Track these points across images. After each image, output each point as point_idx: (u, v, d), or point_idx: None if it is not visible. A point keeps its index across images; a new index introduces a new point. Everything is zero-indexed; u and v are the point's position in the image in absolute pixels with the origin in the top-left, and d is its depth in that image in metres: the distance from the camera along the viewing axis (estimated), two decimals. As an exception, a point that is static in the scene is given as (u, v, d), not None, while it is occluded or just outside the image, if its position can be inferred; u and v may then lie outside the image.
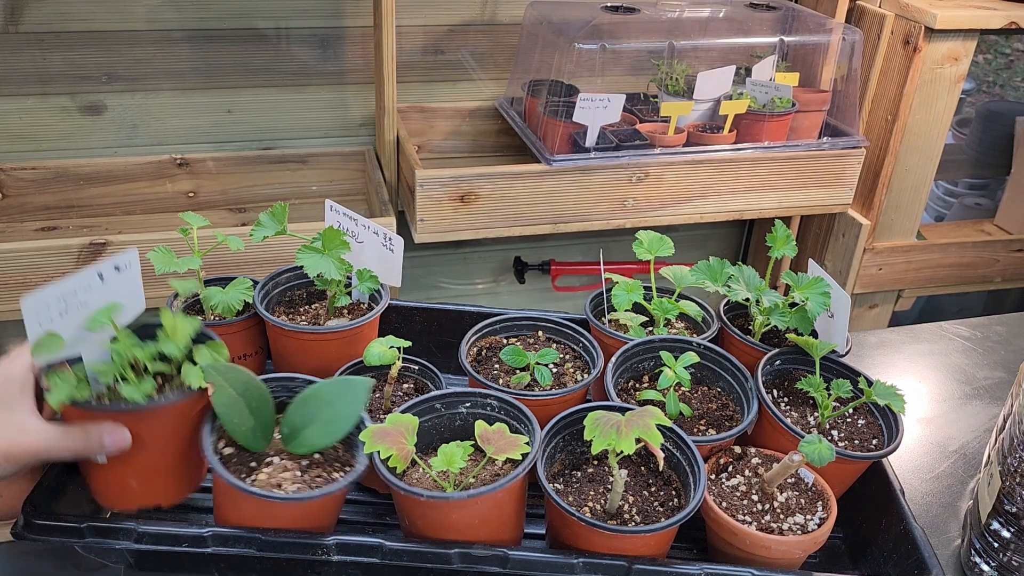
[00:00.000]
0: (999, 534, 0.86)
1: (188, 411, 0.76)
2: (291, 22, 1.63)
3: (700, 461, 0.80)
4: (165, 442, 0.76)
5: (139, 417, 0.73)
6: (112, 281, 0.76)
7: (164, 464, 0.77)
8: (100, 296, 0.75)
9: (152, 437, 0.74)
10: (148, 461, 0.76)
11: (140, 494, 0.78)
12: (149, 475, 0.77)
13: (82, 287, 0.73)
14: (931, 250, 1.87)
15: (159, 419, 0.74)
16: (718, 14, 1.70)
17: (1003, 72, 2.37)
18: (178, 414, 0.76)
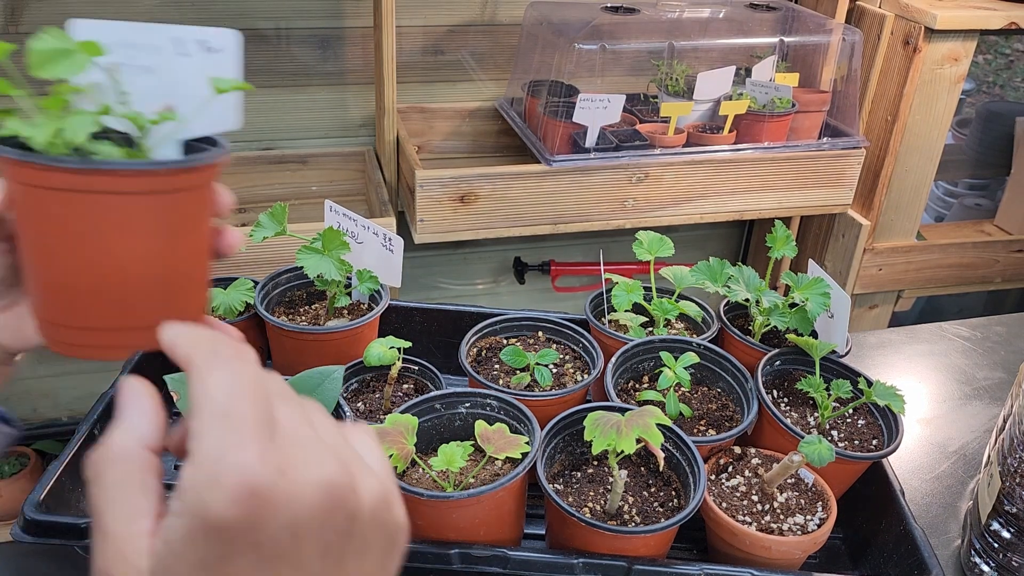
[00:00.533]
0: (999, 534, 0.86)
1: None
2: (291, 22, 1.63)
3: (700, 461, 0.80)
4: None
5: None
6: (197, 63, 0.51)
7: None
8: (167, 71, 0.50)
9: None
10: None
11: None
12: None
13: (157, 43, 0.50)
14: (931, 250, 1.87)
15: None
16: (718, 14, 1.70)
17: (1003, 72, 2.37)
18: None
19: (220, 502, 0.32)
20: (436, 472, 0.76)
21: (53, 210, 0.44)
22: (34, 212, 0.45)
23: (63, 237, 0.44)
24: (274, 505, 0.33)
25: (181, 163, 0.46)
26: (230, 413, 0.34)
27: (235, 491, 0.32)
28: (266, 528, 0.33)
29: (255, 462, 0.33)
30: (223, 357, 0.37)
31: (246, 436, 0.33)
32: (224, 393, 0.35)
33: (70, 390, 1.81)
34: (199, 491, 0.33)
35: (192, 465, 0.33)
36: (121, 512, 0.35)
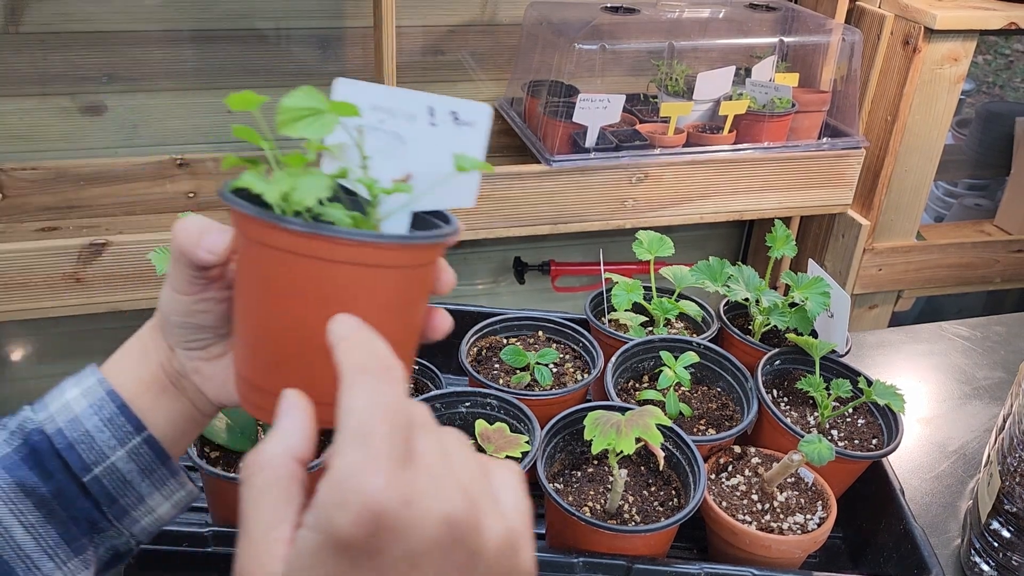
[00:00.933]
0: (999, 534, 0.86)
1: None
2: (291, 22, 1.63)
3: (700, 461, 0.80)
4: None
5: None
6: (444, 133, 0.48)
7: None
8: (416, 141, 0.48)
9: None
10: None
11: None
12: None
13: (411, 111, 0.48)
14: (931, 251, 1.87)
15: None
16: (718, 14, 1.70)
17: (1003, 73, 2.37)
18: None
19: (345, 522, 0.33)
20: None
21: (271, 268, 0.42)
22: (253, 266, 0.44)
23: (276, 296, 0.42)
24: (395, 533, 0.34)
25: (408, 239, 0.43)
26: (368, 435, 0.35)
27: (359, 514, 0.33)
28: (386, 554, 0.34)
29: (382, 488, 0.33)
30: (370, 373, 0.37)
31: (379, 461, 0.34)
32: (365, 413, 0.35)
33: (70, 390, 1.80)
34: (328, 508, 0.34)
35: (326, 482, 0.34)
36: (263, 518, 0.37)
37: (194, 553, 0.74)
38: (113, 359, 0.55)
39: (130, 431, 0.52)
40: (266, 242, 0.42)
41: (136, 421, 0.52)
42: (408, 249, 0.43)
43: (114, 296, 1.39)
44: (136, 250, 1.36)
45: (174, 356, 0.54)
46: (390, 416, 0.35)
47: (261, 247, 0.42)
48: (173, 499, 0.54)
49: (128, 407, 0.52)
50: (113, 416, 0.52)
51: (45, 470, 0.50)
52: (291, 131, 0.44)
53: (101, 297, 1.38)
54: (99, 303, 1.39)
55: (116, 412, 0.52)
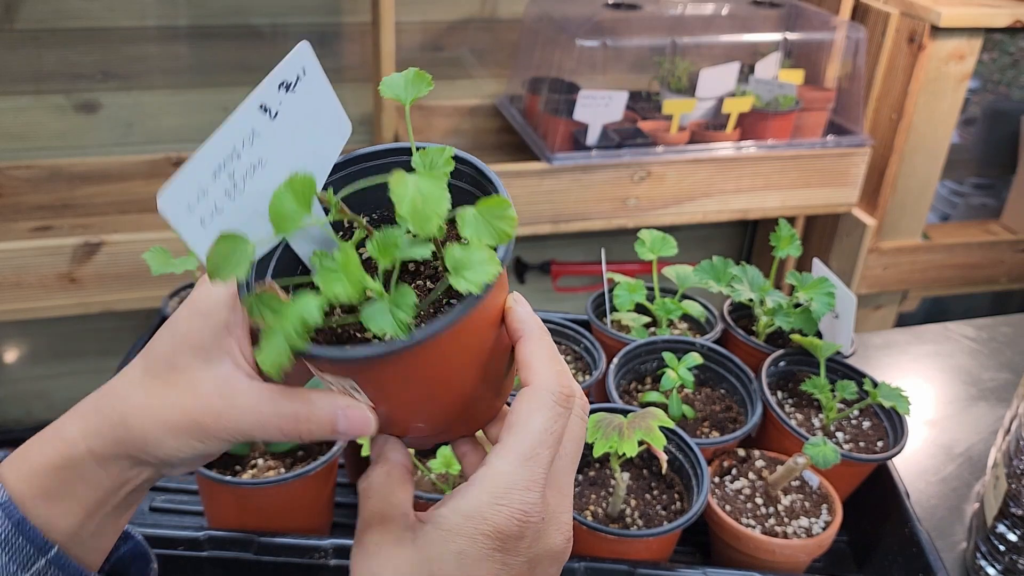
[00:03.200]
0: (1005, 537, 0.85)
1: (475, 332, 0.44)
2: (288, 18, 1.62)
3: (703, 464, 0.79)
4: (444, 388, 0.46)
5: (400, 359, 0.41)
6: (289, 108, 0.44)
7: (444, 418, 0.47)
8: (276, 142, 0.43)
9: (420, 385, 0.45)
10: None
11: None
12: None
13: (243, 136, 0.42)
14: (936, 250, 1.86)
15: (432, 355, 0.43)
16: (721, 11, 1.69)
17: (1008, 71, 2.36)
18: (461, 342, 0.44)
19: (499, 517, 0.41)
20: (435, 475, 0.75)
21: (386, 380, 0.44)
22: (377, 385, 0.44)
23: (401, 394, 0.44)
24: (530, 540, 0.41)
25: (439, 329, 0.40)
26: (533, 458, 0.42)
27: (511, 516, 0.41)
28: (518, 552, 0.41)
29: (534, 505, 0.41)
30: (556, 399, 0.43)
31: (535, 481, 0.41)
32: (538, 436, 0.42)
33: (64, 391, 1.80)
34: (484, 503, 0.41)
35: (487, 478, 0.41)
36: (391, 498, 0.46)
37: (189, 557, 0.73)
38: (29, 476, 0.45)
39: (31, 553, 0.44)
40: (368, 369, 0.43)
41: (40, 540, 0.44)
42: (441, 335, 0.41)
43: (108, 296, 1.38)
44: (131, 250, 1.35)
45: (147, 471, 0.46)
46: (552, 440, 0.42)
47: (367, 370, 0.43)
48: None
49: (27, 523, 0.44)
50: (9, 536, 0.44)
51: None
52: (222, 276, 0.39)
53: (95, 297, 1.38)
54: (93, 303, 1.39)
55: (12, 531, 0.44)
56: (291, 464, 0.78)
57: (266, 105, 0.43)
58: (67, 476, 0.45)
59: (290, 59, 0.44)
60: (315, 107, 0.45)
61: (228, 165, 0.41)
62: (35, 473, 0.45)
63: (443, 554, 0.41)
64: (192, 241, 0.39)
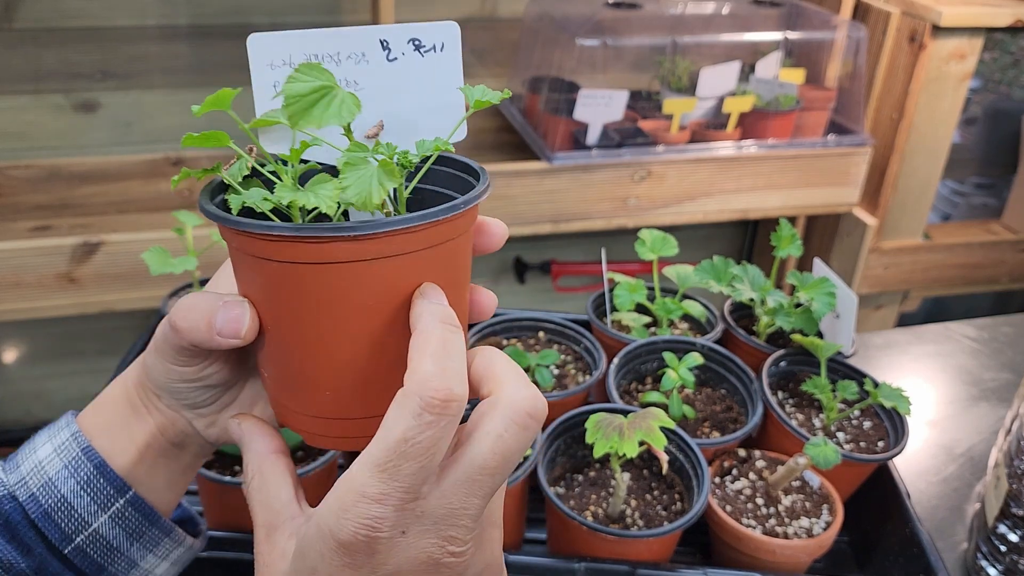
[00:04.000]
0: (1006, 537, 0.85)
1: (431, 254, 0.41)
2: (287, 18, 1.62)
3: (704, 464, 0.78)
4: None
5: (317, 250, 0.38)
6: (409, 66, 0.43)
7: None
8: (377, 82, 0.43)
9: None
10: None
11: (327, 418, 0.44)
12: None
13: (353, 49, 0.41)
14: (937, 250, 1.86)
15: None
16: (721, 10, 1.69)
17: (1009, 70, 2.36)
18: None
19: (344, 530, 0.37)
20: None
21: (306, 282, 0.39)
22: (278, 287, 0.39)
23: (313, 315, 0.39)
24: (378, 556, 0.37)
25: (440, 213, 0.38)
26: (383, 467, 0.37)
27: (356, 528, 0.37)
28: (364, 569, 0.38)
29: (386, 517, 0.37)
30: (428, 406, 0.37)
31: (390, 495, 0.37)
32: (395, 445, 0.37)
33: (63, 391, 1.80)
34: (327, 516, 0.38)
35: (339, 487, 0.38)
36: (270, 504, 0.43)
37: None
38: (96, 415, 0.49)
39: (111, 494, 0.47)
40: (302, 259, 0.38)
41: (118, 482, 0.47)
42: (441, 223, 0.39)
43: (108, 296, 1.38)
44: (130, 249, 1.35)
45: (179, 419, 0.48)
46: (421, 456, 0.37)
47: (294, 267, 0.38)
48: (171, 558, 0.51)
49: (107, 466, 0.47)
50: (91, 478, 0.47)
51: (23, 544, 0.45)
52: (309, 123, 0.37)
53: (95, 297, 1.37)
54: (93, 303, 1.38)
55: (94, 473, 0.47)
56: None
57: (387, 43, 0.42)
58: (121, 410, 0.49)
59: (435, 25, 0.43)
60: (433, 87, 0.44)
61: (324, 61, 0.41)
62: (100, 411, 0.49)
63: (301, 569, 0.39)
64: (257, 90, 0.40)
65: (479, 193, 0.41)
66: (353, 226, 0.37)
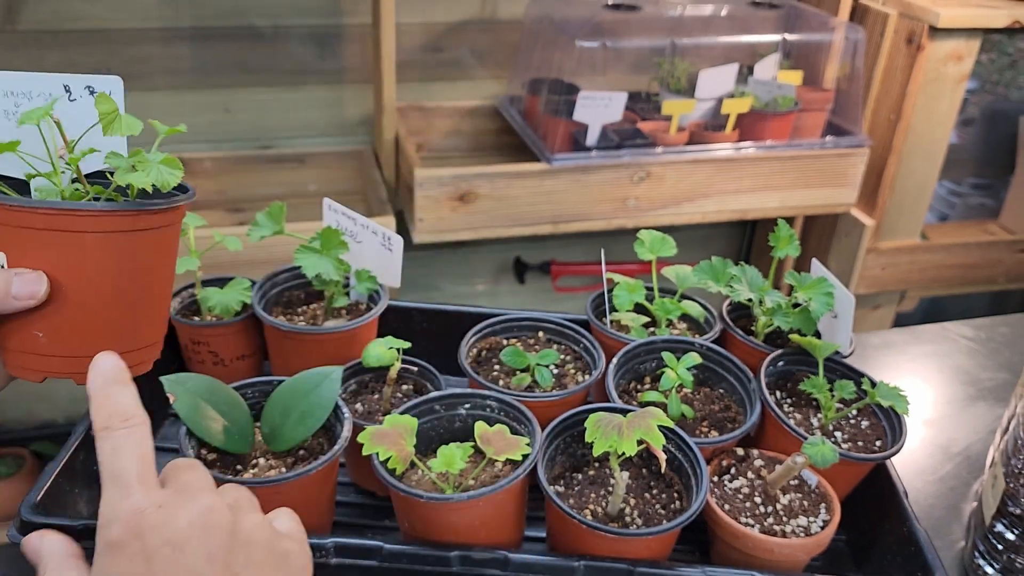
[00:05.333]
0: (1003, 536, 0.85)
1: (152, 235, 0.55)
2: (289, 20, 1.63)
3: (702, 463, 0.79)
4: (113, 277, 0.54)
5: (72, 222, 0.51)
6: (85, 106, 0.58)
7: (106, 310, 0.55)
8: (63, 115, 0.57)
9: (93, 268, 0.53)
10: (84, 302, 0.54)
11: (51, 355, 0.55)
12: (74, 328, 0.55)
13: (44, 91, 0.57)
14: (935, 251, 1.87)
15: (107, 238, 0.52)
16: (720, 12, 1.70)
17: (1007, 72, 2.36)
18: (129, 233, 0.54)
19: (111, 533, 0.45)
20: (435, 474, 0.75)
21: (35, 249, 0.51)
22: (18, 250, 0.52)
23: (65, 273, 0.52)
24: (153, 525, 0.45)
25: (119, 208, 0.52)
26: (118, 473, 0.47)
27: (123, 524, 0.45)
28: (149, 541, 0.45)
29: (138, 500, 0.46)
30: (113, 429, 0.48)
31: (131, 486, 0.46)
32: (112, 459, 0.47)
33: (66, 392, 1.80)
34: (101, 531, 0.46)
35: (100, 513, 0.47)
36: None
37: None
38: None
39: None
40: (26, 225, 0.51)
41: None
42: (121, 216, 0.52)
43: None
44: (133, 249, 1.35)
45: None
46: (136, 455, 0.47)
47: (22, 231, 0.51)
48: None
49: None
50: None
51: None
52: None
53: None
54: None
55: None
56: (292, 464, 0.78)
57: (70, 87, 0.58)
58: None
59: (103, 79, 0.59)
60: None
61: (20, 99, 0.56)
62: None
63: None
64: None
65: (183, 199, 0.57)
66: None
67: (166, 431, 0.95)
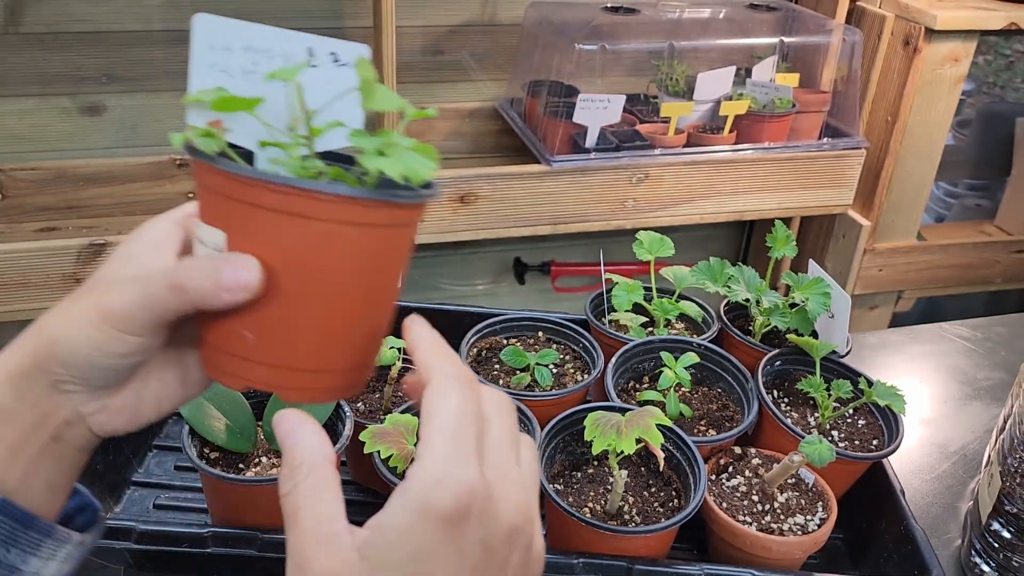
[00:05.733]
0: (999, 534, 0.85)
1: (398, 230, 0.45)
2: (290, 23, 1.63)
3: (700, 462, 0.79)
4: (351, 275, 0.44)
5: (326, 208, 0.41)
6: (329, 76, 0.47)
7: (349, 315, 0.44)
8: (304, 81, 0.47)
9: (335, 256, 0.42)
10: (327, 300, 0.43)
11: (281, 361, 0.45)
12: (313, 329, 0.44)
13: (286, 52, 0.46)
14: (932, 251, 1.87)
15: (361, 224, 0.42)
16: (718, 15, 1.70)
17: (1003, 73, 2.37)
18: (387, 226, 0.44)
19: (443, 499, 0.38)
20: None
21: (281, 238, 0.41)
22: (258, 238, 0.42)
23: (286, 266, 0.42)
24: (479, 519, 0.39)
25: (406, 197, 0.43)
26: (458, 434, 0.39)
27: (457, 493, 0.38)
28: (467, 536, 0.39)
29: (475, 476, 0.39)
30: (460, 380, 0.41)
31: (468, 456, 0.39)
32: (456, 415, 0.40)
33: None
34: (426, 488, 0.38)
35: (421, 467, 0.39)
36: (321, 512, 0.40)
37: (193, 553, 0.74)
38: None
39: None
40: (276, 208, 0.41)
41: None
42: (408, 207, 0.44)
43: (113, 296, 1.39)
44: (135, 250, 1.36)
45: (65, 404, 0.45)
46: (475, 418, 0.41)
47: (271, 214, 0.41)
48: (58, 556, 0.47)
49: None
50: None
51: None
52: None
53: (100, 297, 1.38)
54: (98, 303, 1.39)
55: None
56: (295, 462, 0.79)
57: (313, 51, 0.46)
58: (19, 449, 0.44)
59: (350, 45, 0.46)
60: (340, 94, 0.47)
61: (259, 57, 0.45)
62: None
63: (398, 559, 0.38)
64: (195, 68, 0.44)
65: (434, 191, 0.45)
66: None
67: (169, 430, 0.95)
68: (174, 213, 0.48)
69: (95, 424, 0.46)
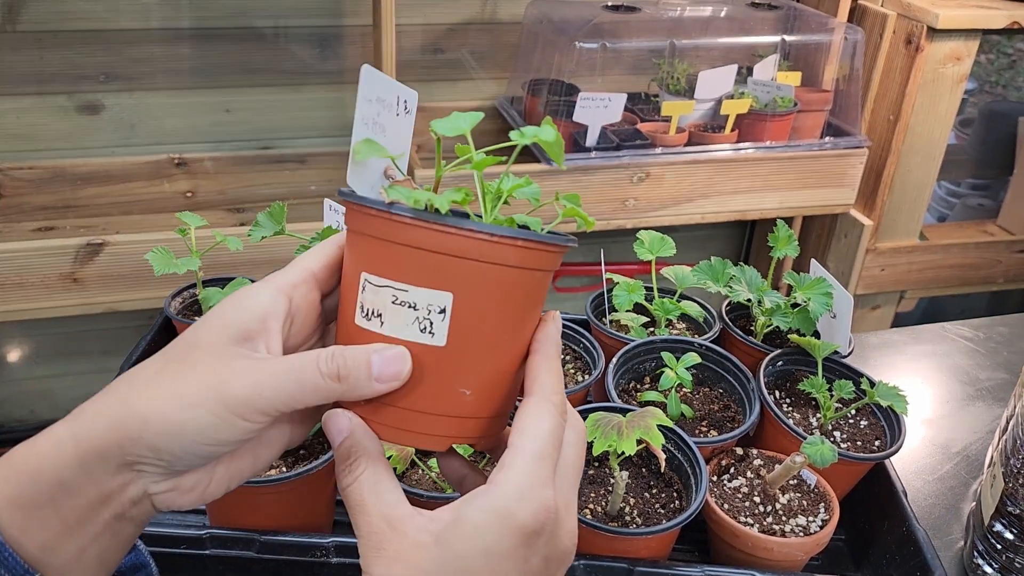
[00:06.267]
0: (1002, 536, 0.85)
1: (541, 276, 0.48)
2: (290, 21, 1.63)
3: (702, 462, 0.79)
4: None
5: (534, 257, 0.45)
6: (402, 121, 0.54)
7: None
8: (391, 133, 0.55)
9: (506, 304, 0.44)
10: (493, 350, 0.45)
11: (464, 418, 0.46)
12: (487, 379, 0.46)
13: (387, 100, 0.53)
14: (934, 251, 1.87)
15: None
16: (719, 13, 1.70)
17: (1005, 72, 2.37)
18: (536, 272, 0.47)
19: (525, 513, 0.41)
20: (436, 473, 0.75)
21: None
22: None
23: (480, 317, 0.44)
24: (546, 538, 0.42)
25: (562, 239, 0.46)
26: (543, 456, 0.43)
27: (536, 510, 0.41)
28: (536, 550, 0.42)
29: (552, 501, 0.42)
30: (557, 407, 0.45)
31: (548, 479, 0.42)
32: (547, 438, 0.43)
33: (68, 391, 1.80)
34: (509, 499, 0.41)
35: (506, 478, 0.42)
36: (388, 498, 0.43)
37: (192, 555, 0.74)
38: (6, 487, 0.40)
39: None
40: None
41: (20, 568, 0.39)
42: (558, 248, 0.47)
43: (111, 296, 1.39)
44: (133, 250, 1.35)
45: (136, 482, 0.42)
46: (557, 444, 0.44)
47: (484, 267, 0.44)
48: None
49: (5, 547, 0.39)
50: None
51: None
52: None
53: (98, 297, 1.38)
54: (96, 303, 1.39)
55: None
56: (292, 463, 0.78)
57: (400, 99, 0.56)
58: (47, 480, 0.40)
59: (412, 95, 0.55)
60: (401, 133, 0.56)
61: (381, 104, 0.54)
62: (14, 477, 0.40)
63: (471, 551, 0.41)
64: (359, 116, 0.56)
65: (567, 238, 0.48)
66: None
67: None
68: (274, 280, 0.46)
69: (160, 502, 0.43)
